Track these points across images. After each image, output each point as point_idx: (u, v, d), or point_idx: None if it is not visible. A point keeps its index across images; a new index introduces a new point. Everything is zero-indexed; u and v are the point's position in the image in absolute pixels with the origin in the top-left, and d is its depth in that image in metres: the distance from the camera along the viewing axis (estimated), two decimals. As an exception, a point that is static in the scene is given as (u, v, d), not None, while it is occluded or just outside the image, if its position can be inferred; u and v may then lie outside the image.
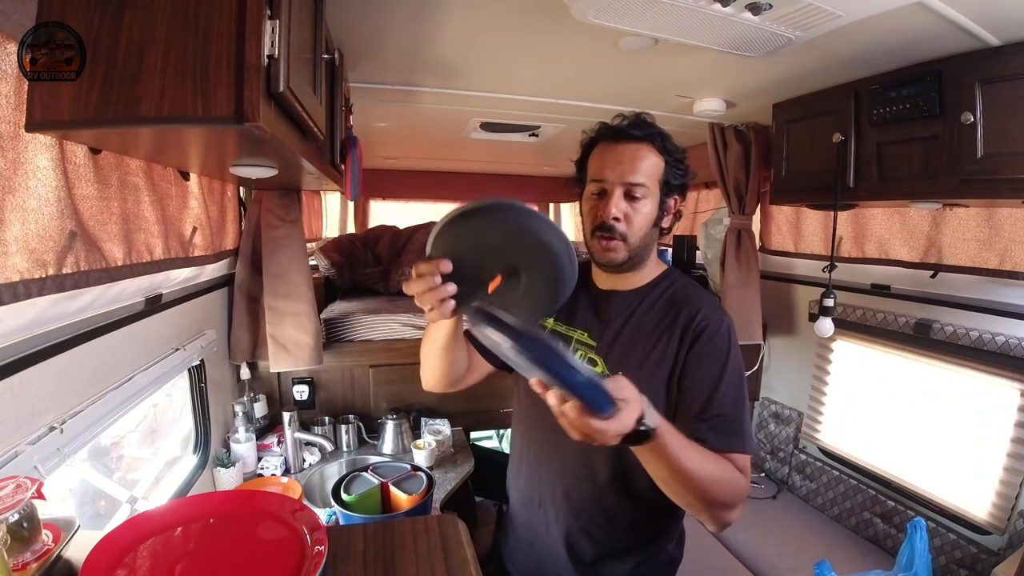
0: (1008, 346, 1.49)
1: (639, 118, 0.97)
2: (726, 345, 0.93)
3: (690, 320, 0.94)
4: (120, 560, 0.64)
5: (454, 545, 0.75)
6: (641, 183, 0.93)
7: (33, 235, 0.75)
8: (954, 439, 1.70)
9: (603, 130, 0.99)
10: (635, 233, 0.95)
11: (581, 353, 1.00)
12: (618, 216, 0.93)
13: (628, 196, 0.94)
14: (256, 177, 1.18)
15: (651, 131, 0.96)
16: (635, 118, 0.97)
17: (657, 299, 0.99)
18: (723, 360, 0.92)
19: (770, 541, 1.92)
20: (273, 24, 0.67)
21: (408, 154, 3.15)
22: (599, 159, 0.97)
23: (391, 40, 1.37)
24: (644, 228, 0.95)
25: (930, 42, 1.25)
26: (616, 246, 0.95)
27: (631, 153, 0.94)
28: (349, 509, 1.19)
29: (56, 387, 0.88)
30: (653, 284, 1.01)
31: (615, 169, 0.94)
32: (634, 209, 0.94)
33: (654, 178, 0.95)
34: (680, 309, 0.96)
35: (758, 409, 2.52)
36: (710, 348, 0.92)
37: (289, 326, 1.76)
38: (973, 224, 1.61)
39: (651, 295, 1.00)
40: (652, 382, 0.93)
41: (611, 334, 0.99)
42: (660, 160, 0.95)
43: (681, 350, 0.93)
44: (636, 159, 0.94)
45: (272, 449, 1.82)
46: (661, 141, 0.96)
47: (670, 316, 0.96)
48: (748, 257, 2.20)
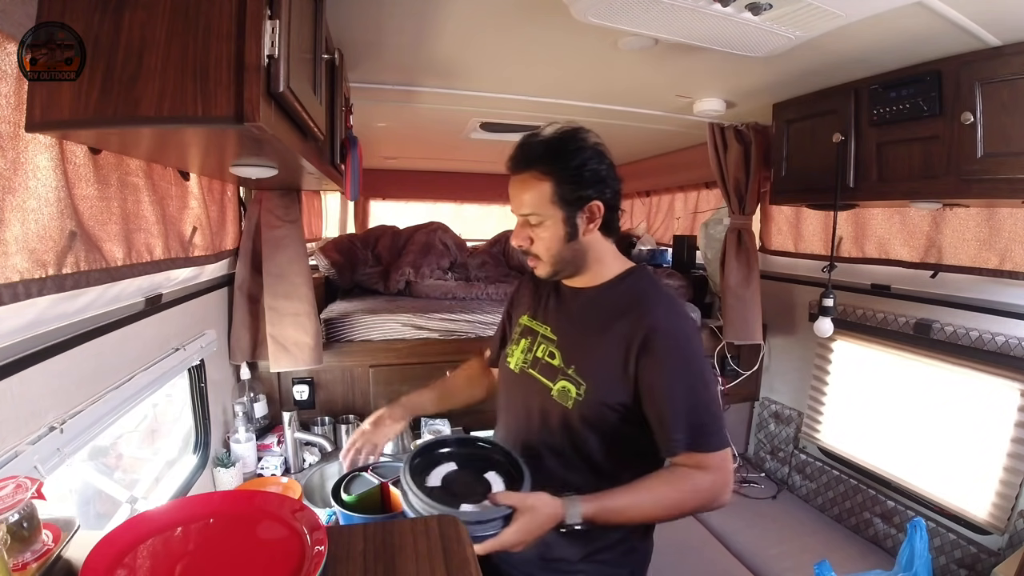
0: (1008, 346, 1.49)
1: (523, 144, 1.01)
2: (683, 349, 0.96)
3: (640, 322, 0.96)
4: (120, 560, 0.64)
5: (454, 545, 0.75)
6: (529, 213, 1.00)
7: (33, 235, 0.75)
8: (954, 439, 1.70)
9: (508, 158, 1.04)
10: (546, 252, 1.01)
11: (544, 346, 1.08)
12: (521, 244, 1.03)
13: (527, 224, 1.01)
14: (256, 177, 1.18)
15: (535, 155, 0.99)
16: (517, 146, 1.01)
17: (616, 296, 1.04)
18: (681, 366, 0.95)
19: (770, 541, 1.92)
20: (273, 24, 0.67)
21: (408, 154, 3.15)
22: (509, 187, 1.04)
23: (391, 40, 1.37)
24: (553, 246, 1.01)
25: (930, 42, 1.25)
26: (536, 263, 1.04)
27: (517, 187, 1.01)
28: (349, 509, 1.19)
29: (56, 387, 0.88)
30: (614, 282, 1.06)
31: (512, 203, 1.03)
32: (535, 234, 1.01)
33: (544, 202, 0.98)
34: (633, 308, 0.99)
35: (758, 409, 2.52)
36: (666, 355, 0.95)
37: (289, 326, 1.76)
38: (973, 224, 1.61)
39: (610, 293, 1.05)
40: (604, 373, 0.98)
41: (568, 329, 1.06)
42: (546, 182, 0.97)
43: (632, 348, 0.96)
44: (520, 192, 1.00)
45: (272, 449, 1.82)
46: (547, 163, 0.98)
47: (623, 313, 1.00)
48: (748, 257, 2.19)
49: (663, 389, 0.94)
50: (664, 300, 1.02)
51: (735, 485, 2.28)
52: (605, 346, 0.99)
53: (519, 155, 1.01)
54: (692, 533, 2.06)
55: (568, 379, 1.01)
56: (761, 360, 2.40)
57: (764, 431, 2.46)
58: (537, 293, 1.17)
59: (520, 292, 1.26)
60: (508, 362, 1.15)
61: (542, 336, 1.09)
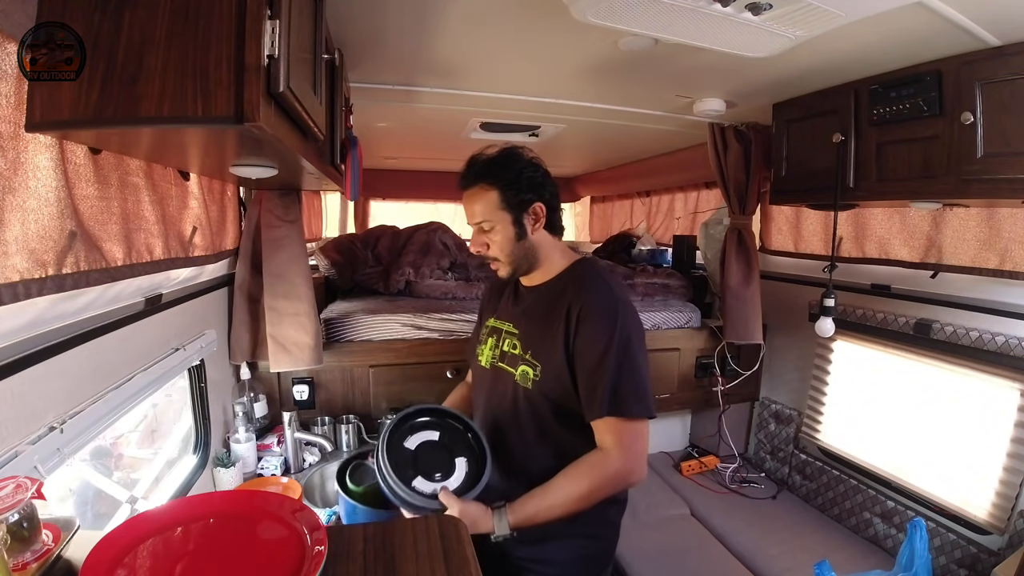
0: (1008, 346, 1.49)
1: (470, 162, 1.16)
2: (608, 320, 1.06)
3: (575, 302, 1.09)
4: (120, 560, 0.64)
5: (454, 545, 0.75)
6: (481, 220, 1.14)
7: (33, 235, 0.75)
8: (954, 439, 1.70)
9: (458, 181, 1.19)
10: (501, 253, 1.15)
11: (509, 340, 1.20)
12: (479, 249, 1.17)
13: (481, 231, 1.15)
14: (256, 177, 1.18)
15: (476, 173, 1.14)
16: (465, 167, 1.16)
17: (558, 287, 1.16)
18: (605, 336, 1.05)
19: (770, 541, 1.92)
20: (273, 24, 0.67)
21: (408, 154, 3.15)
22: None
23: (391, 40, 1.37)
24: (507, 247, 1.14)
25: (930, 42, 1.25)
26: (496, 265, 1.18)
27: (468, 200, 1.16)
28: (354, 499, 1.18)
29: (56, 387, 0.88)
30: (561, 275, 1.18)
31: (466, 215, 1.18)
32: (490, 239, 1.15)
33: (493, 209, 1.12)
34: (571, 292, 1.11)
35: (758, 409, 2.52)
36: (593, 326, 1.06)
37: (289, 326, 1.76)
38: (973, 224, 1.61)
39: (555, 286, 1.17)
40: (553, 354, 1.10)
41: (524, 320, 1.19)
42: (492, 192, 1.12)
43: (570, 326, 1.08)
44: (472, 203, 1.15)
45: (272, 449, 1.82)
46: (488, 176, 1.13)
47: (563, 298, 1.12)
48: (748, 257, 2.19)
49: (588, 357, 1.06)
50: (597, 282, 1.13)
51: (735, 485, 2.29)
52: (551, 330, 1.11)
53: (467, 173, 1.15)
54: (692, 533, 2.06)
55: (526, 363, 1.14)
56: (761, 360, 2.40)
57: (764, 431, 2.47)
58: (500, 296, 1.30)
59: (487, 299, 1.40)
60: (479, 360, 1.26)
61: (506, 332, 1.22)
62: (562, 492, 1.05)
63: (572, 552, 1.18)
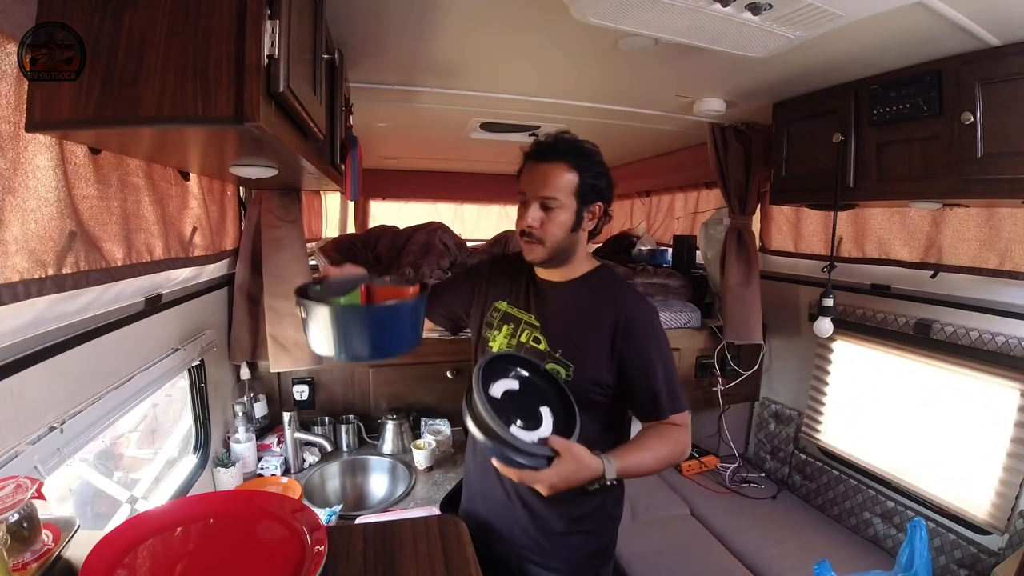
0: (1008, 346, 1.49)
1: (557, 138, 1.13)
2: (656, 332, 1.14)
3: (618, 311, 1.12)
4: (120, 560, 0.64)
5: (454, 545, 0.75)
6: (552, 196, 1.10)
7: (33, 235, 0.75)
8: (954, 439, 1.70)
9: (528, 150, 1.16)
10: (550, 238, 1.12)
11: (528, 332, 1.19)
12: (533, 224, 1.12)
13: (544, 207, 1.11)
14: (256, 177, 1.18)
15: (566, 150, 1.12)
16: (553, 139, 1.13)
17: (590, 290, 1.18)
18: (656, 346, 1.12)
19: (770, 541, 1.92)
20: (273, 24, 0.67)
21: (408, 154, 3.15)
22: (524, 176, 1.16)
23: (391, 40, 1.37)
24: (560, 233, 1.12)
25: (930, 42, 1.25)
26: (534, 248, 1.14)
27: (544, 171, 1.11)
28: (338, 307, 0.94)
29: (56, 387, 0.88)
30: (586, 277, 1.19)
31: (531, 185, 1.13)
32: (549, 218, 1.11)
33: (567, 191, 1.11)
34: (610, 300, 1.15)
35: (758, 409, 2.52)
36: (644, 338, 1.11)
37: (289, 326, 1.76)
38: (973, 224, 1.61)
39: (584, 286, 1.18)
40: (589, 356, 1.12)
41: (552, 317, 1.18)
42: (574, 175, 1.11)
43: (616, 334, 1.11)
44: (548, 176, 1.11)
45: (272, 449, 1.82)
46: (575, 159, 1.11)
47: (602, 305, 1.15)
48: (748, 257, 2.19)
49: (648, 368, 1.11)
50: (634, 291, 1.21)
51: (735, 485, 2.30)
52: (589, 333, 1.13)
53: (552, 147, 1.12)
54: (692, 533, 2.06)
55: (556, 361, 1.13)
56: (761, 360, 2.40)
57: (764, 431, 2.46)
58: (511, 281, 1.27)
59: (490, 275, 1.32)
60: (490, 347, 1.24)
61: (525, 323, 1.20)
62: (651, 452, 1.08)
63: (575, 549, 1.18)
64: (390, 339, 0.99)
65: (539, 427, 0.99)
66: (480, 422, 0.94)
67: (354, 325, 0.95)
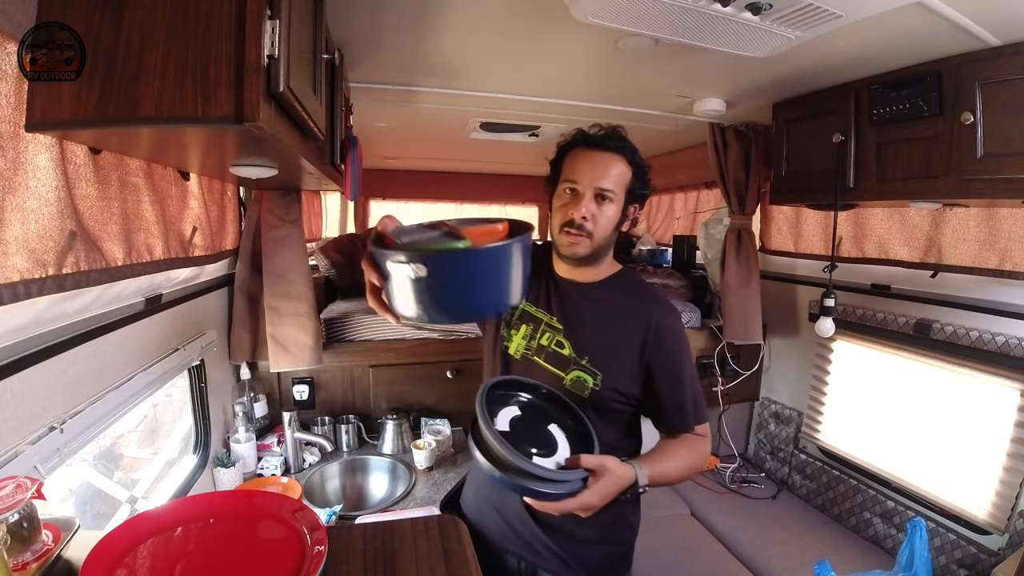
0: (1008, 346, 1.49)
1: (615, 131, 1.09)
2: (684, 340, 1.10)
3: (648, 317, 1.07)
4: (120, 560, 0.64)
5: (454, 545, 0.75)
6: (610, 189, 1.04)
7: (33, 235, 0.75)
8: (954, 439, 1.70)
9: (580, 137, 1.10)
10: (599, 232, 1.06)
11: (549, 335, 1.11)
12: (587, 216, 1.04)
13: (597, 199, 1.05)
14: (256, 177, 1.18)
15: (624, 144, 1.07)
16: (611, 130, 1.09)
17: (616, 292, 1.12)
18: (685, 354, 1.09)
19: (770, 541, 1.92)
20: (273, 24, 0.67)
21: (408, 154, 3.15)
22: (573, 163, 1.07)
23: (391, 40, 1.37)
24: (607, 229, 1.07)
25: (930, 42, 1.25)
26: (581, 241, 1.05)
27: (604, 161, 1.05)
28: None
29: (56, 387, 0.88)
30: (611, 279, 1.14)
31: (588, 174, 1.05)
32: (601, 211, 1.05)
33: (621, 186, 1.06)
34: (638, 305, 1.10)
35: (758, 409, 2.52)
36: (674, 346, 1.07)
37: (289, 326, 1.76)
38: (973, 224, 1.61)
39: (610, 288, 1.12)
40: (618, 364, 1.06)
41: (576, 320, 1.11)
42: (628, 171, 1.07)
43: (646, 340, 1.06)
44: (608, 167, 1.05)
45: (272, 449, 1.82)
46: (631, 154, 1.07)
47: (630, 310, 1.09)
48: (748, 257, 2.19)
49: (677, 377, 1.07)
50: (660, 298, 1.16)
51: (735, 485, 2.30)
52: (618, 340, 1.07)
53: (612, 135, 1.07)
54: (692, 533, 2.06)
55: (583, 369, 1.07)
56: (761, 360, 2.40)
57: (764, 431, 2.46)
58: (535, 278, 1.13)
59: None
60: (507, 346, 1.15)
61: (546, 324, 1.12)
62: (678, 460, 1.04)
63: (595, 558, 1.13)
64: (506, 288, 0.78)
65: (556, 449, 0.92)
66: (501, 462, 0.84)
67: (484, 273, 0.75)
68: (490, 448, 0.85)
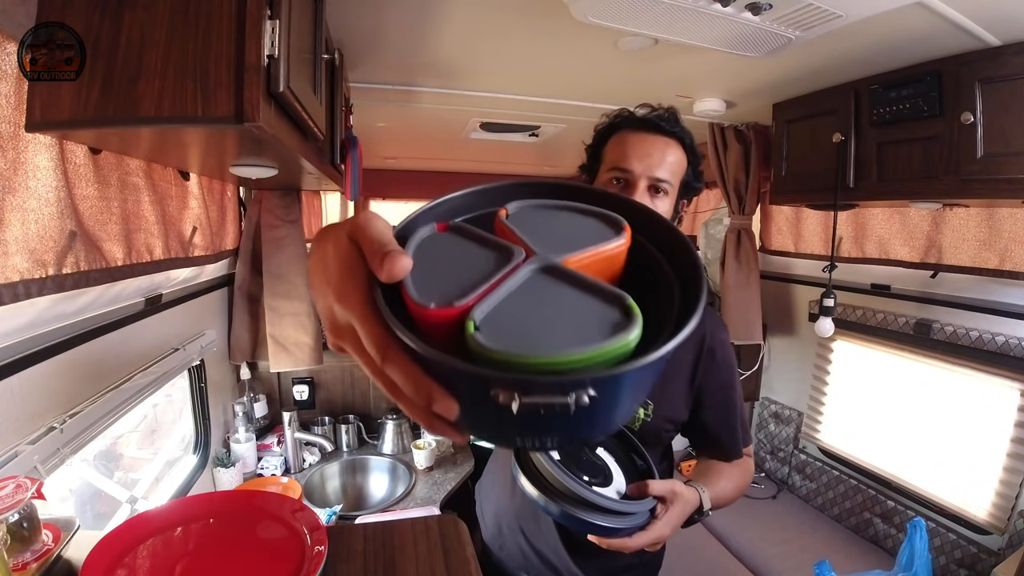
0: (1008, 346, 1.49)
1: (671, 112, 0.92)
2: (731, 356, 0.98)
3: (703, 336, 0.92)
4: (120, 560, 0.64)
5: (454, 545, 0.75)
6: (667, 179, 0.87)
7: (33, 235, 0.75)
8: (954, 439, 1.70)
9: (629, 117, 0.92)
10: None
11: None
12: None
13: (651, 190, 0.87)
14: (256, 177, 1.18)
15: (682, 128, 0.91)
16: (666, 111, 0.91)
17: None
18: (732, 375, 0.97)
19: (770, 541, 1.92)
20: (273, 24, 0.67)
21: (408, 154, 3.14)
22: (622, 147, 0.89)
23: (391, 40, 1.37)
24: None
25: (930, 42, 1.25)
26: None
27: (661, 147, 0.87)
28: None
29: (56, 387, 0.88)
30: None
31: (643, 160, 0.86)
32: (654, 205, 0.87)
33: (678, 177, 0.90)
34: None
35: (758, 409, 2.52)
36: (725, 366, 0.95)
37: (289, 326, 1.76)
38: (973, 224, 1.61)
39: None
40: (674, 391, 0.93)
41: None
42: (685, 160, 0.90)
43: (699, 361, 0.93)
44: (665, 154, 0.87)
45: (272, 449, 1.82)
46: (690, 140, 0.91)
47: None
48: (748, 257, 2.20)
49: (727, 400, 0.95)
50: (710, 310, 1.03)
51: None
52: (677, 362, 0.92)
53: (668, 118, 0.90)
54: (692, 533, 2.05)
55: None
56: (761, 360, 2.40)
57: (764, 431, 2.46)
58: None
59: None
60: None
61: None
62: (731, 481, 0.94)
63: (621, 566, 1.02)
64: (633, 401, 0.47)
65: (612, 477, 0.79)
66: (558, 493, 0.71)
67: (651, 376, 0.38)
68: (544, 478, 0.72)
